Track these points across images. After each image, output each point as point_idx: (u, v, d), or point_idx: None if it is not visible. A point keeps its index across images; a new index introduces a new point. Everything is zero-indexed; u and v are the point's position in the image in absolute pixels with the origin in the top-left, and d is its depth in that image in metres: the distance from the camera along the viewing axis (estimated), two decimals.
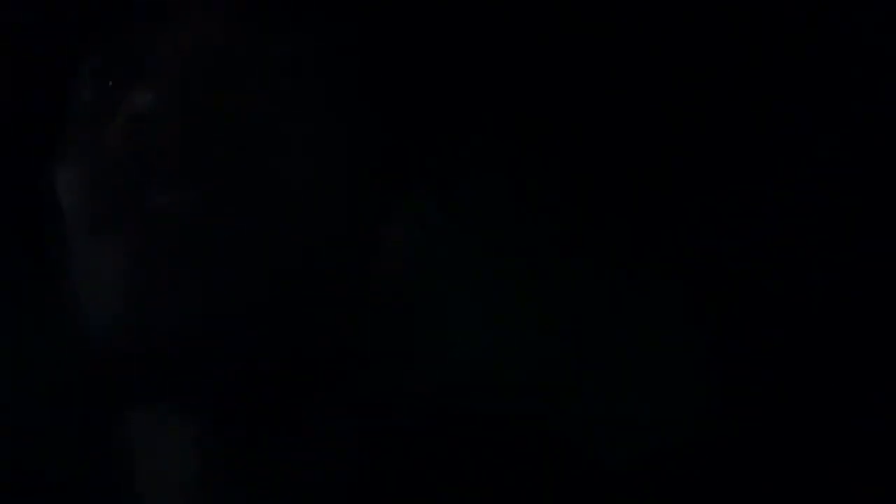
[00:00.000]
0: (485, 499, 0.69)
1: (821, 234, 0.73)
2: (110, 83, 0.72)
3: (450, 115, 0.73)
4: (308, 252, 0.69)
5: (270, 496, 0.70)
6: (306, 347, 0.69)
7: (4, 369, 0.81)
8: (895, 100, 0.72)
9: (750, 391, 0.72)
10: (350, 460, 0.71)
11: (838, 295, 0.72)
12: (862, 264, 0.72)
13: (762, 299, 0.73)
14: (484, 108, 0.73)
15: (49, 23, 0.76)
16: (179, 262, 0.67)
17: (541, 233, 0.74)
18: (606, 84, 0.74)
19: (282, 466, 0.70)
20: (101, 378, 0.71)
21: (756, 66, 0.74)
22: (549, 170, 0.74)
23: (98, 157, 0.69)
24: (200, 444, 0.70)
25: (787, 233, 0.73)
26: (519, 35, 0.73)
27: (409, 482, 0.70)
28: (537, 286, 0.74)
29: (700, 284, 0.73)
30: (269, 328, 0.68)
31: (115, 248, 0.67)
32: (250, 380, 0.68)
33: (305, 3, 0.71)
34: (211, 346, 0.67)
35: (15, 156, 0.77)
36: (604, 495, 0.68)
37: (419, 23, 0.71)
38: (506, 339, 0.73)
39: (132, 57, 0.71)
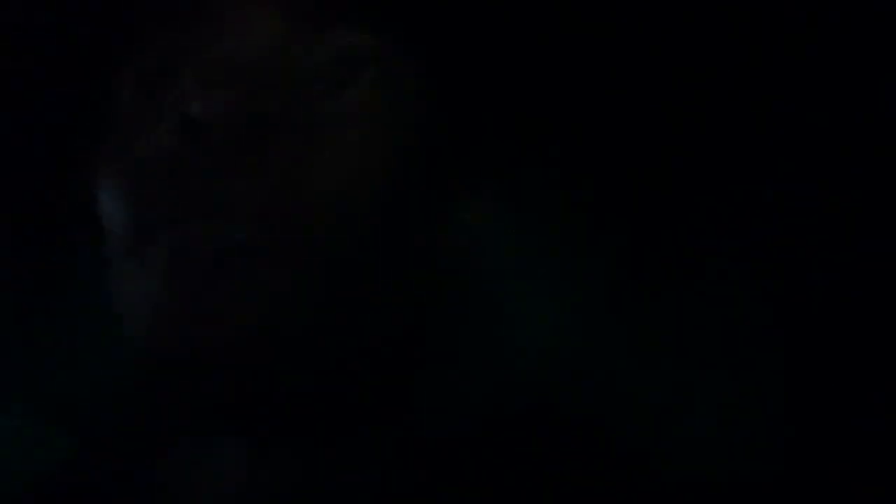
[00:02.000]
0: None
1: (824, 235, 0.74)
2: (156, 85, 0.68)
3: (507, 112, 0.71)
4: (363, 256, 0.66)
5: None
6: (360, 355, 0.68)
7: (51, 375, 0.81)
8: (895, 100, 0.72)
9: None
10: (403, 472, 0.69)
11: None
12: (862, 265, 0.73)
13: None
14: (539, 104, 0.71)
15: (90, 20, 0.72)
16: (230, 274, 0.64)
17: (606, 225, 0.73)
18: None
19: (334, 480, 0.69)
20: (149, 387, 0.70)
21: (756, 66, 0.74)
22: (613, 161, 0.73)
23: (143, 165, 0.67)
24: (248, 464, 0.69)
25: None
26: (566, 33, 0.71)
27: (462, 492, 0.68)
28: (602, 280, 0.72)
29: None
30: (322, 338, 0.66)
31: (161, 260, 0.65)
32: (299, 394, 0.67)
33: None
34: (258, 359, 0.65)
35: (54, 160, 0.75)
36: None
37: (473, 20, 0.69)
38: (568, 335, 0.72)
39: (178, 57, 0.68)
